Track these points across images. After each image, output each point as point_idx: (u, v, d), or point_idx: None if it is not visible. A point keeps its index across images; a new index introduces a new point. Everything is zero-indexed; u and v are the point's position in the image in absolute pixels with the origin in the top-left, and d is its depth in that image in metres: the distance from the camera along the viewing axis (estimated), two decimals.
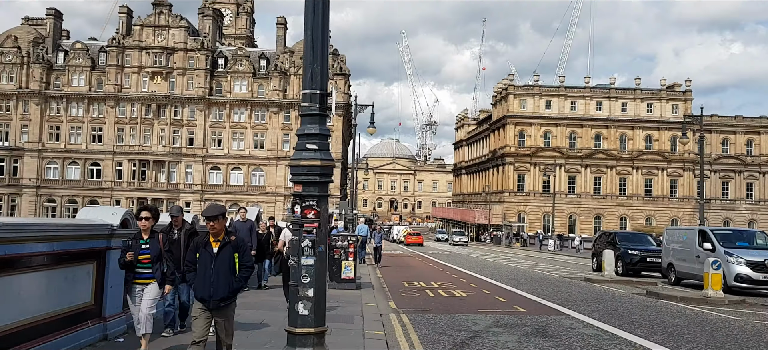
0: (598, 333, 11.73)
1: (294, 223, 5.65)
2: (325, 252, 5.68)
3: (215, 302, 6.62)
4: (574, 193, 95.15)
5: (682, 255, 23.16)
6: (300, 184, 5.61)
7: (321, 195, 5.62)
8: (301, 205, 5.58)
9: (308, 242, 5.54)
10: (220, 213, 6.69)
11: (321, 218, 5.60)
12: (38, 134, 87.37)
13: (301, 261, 5.54)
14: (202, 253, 6.73)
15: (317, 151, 5.55)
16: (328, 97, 5.68)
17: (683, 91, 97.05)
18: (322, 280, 5.64)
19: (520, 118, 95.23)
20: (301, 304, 5.50)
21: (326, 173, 5.64)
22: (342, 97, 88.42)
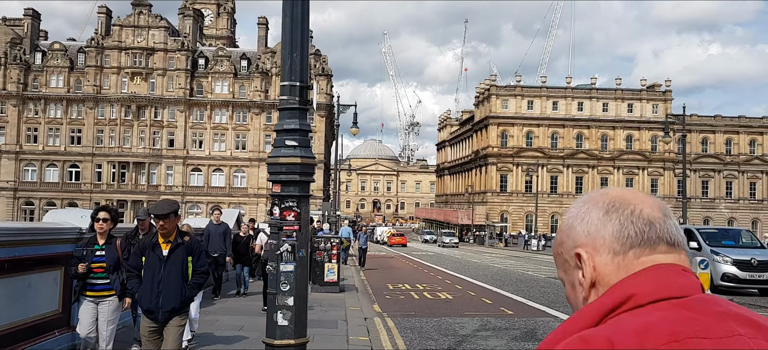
0: None
1: (273, 226, 5.25)
2: (306, 257, 5.29)
3: (164, 314, 5.82)
4: (557, 193, 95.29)
5: None
6: (279, 184, 5.20)
7: (301, 195, 5.21)
8: (280, 207, 5.18)
9: (288, 246, 5.14)
10: (172, 211, 5.90)
11: (302, 220, 5.20)
12: (15, 136, 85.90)
13: (280, 266, 5.14)
14: (150, 257, 5.89)
15: (297, 147, 5.14)
16: (309, 89, 5.28)
17: (663, 91, 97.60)
18: (303, 287, 5.24)
19: (502, 119, 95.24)
20: (280, 314, 5.10)
21: (307, 171, 5.24)
22: (324, 97, 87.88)
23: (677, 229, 1.22)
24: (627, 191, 1.28)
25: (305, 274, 5.34)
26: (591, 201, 1.28)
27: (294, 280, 5.13)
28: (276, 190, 5.21)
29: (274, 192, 5.23)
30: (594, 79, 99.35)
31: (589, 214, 1.25)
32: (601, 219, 1.22)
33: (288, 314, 5.08)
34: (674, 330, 1.02)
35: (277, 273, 5.13)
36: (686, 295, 1.11)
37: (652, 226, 1.18)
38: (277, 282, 5.12)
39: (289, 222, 5.14)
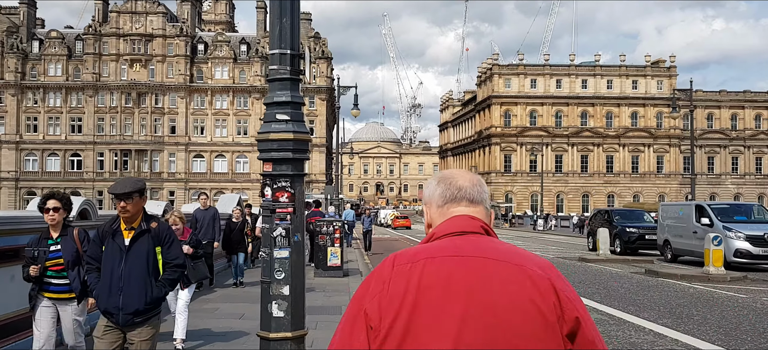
0: (603, 318, 10.97)
1: (265, 209, 4.79)
2: (301, 242, 4.83)
3: (126, 316, 4.72)
4: (561, 172, 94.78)
5: (678, 232, 22.51)
6: (270, 162, 4.73)
7: (295, 174, 4.74)
8: (271, 187, 4.71)
9: (281, 230, 4.68)
10: (136, 190, 4.81)
11: (296, 201, 4.73)
12: (15, 125, 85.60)
13: (273, 253, 4.68)
14: (109, 247, 4.85)
15: (289, 121, 4.66)
16: (301, 58, 4.80)
17: (668, 66, 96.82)
18: (299, 275, 4.79)
19: (505, 98, 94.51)
20: (275, 304, 4.65)
21: (301, 148, 4.76)
22: (325, 80, 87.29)
23: (479, 193, 1.95)
24: (454, 170, 2.03)
25: (301, 260, 4.88)
26: (433, 178, 2.05)
27: (289, 267, 4.67)
28: (267, 170, 4.75)
29: (266, 172, 4.77)
30: (598, 56, 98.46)
31: (430, 185, 2.03)
32: (434, 187, 2.00)
33: (284, 304, 4.63)
34: (415, 251, 1.79)
35: (270, 260, 4.67)
36: (464, 231, 1.85)
37: (461, 190, 1.94)
38: (270, 269, 4.67)
39: (282, 204, 4.67)
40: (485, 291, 1.68)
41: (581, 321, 1.70)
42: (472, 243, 1.80)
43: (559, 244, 37.19)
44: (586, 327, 1.71)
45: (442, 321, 1.65)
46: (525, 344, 1.64)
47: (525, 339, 1.64)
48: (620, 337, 9.32)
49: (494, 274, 1.71)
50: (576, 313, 1.71)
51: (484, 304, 1.67)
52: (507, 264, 1.74)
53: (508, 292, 1.68)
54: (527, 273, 1.72)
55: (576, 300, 1.74)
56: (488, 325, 1.64)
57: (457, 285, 1.69)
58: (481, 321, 1.65)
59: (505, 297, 1.68)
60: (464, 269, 1.72)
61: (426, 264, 1.73)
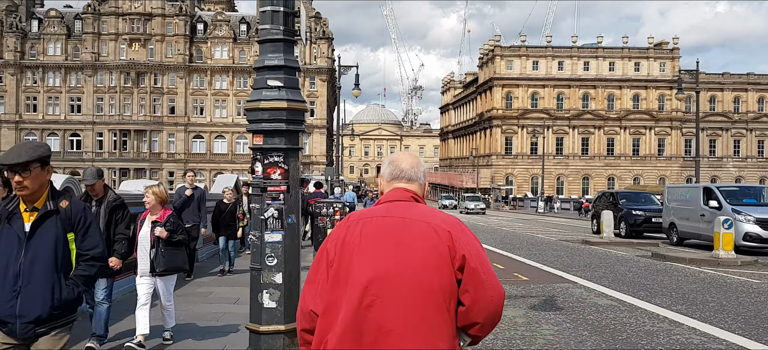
0: (614, 304, 10.53)
1: (255, 187, 4.30)
2: (297, 224, 4.34)
3: (25, 326, 3.48)
4: (562, 154, 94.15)
5: (685, 214, 22.04)
6: (260, 135, 4.23)
7: (289, 148, 4.25)
8: (262, 162, 4.23)
9: (274, 211, 4.19)
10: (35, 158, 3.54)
11: (290, 179, 4.25)
12: (15, 105, 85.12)
13: (264, 236, 4.20)
14: (4, 236, 3.56)
15: (282, 88, 4.16)
16: (296, 16, 4.28)
17: (671, 48, 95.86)
18: (294, 261, 4.32)
19: (507, 80, 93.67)
20: (266, 294, 4.18)
21: (295, 119, 4.26)
22: (326, 61, 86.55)
23: (415, 173, 2.72)
24: (401, 154, 2.82)
25: (296, 245, 4.39)
26: (386, 160, 2.83)
27: (282, 252, 4.20)
28: (257, 143, 4.25)
29: (255, 145, 4.27)
30: (600, 38, 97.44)
31: (384, 165, 2.82)
32: (386, 167, 2.78)
33: (276, 294, 4.16)
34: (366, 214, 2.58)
35: (261, 245, 4.20)
36: (397, 200, 2.63)
37: (402, 171, 2.71)
38: (261, 255, 4.20)
39: (274, 182, 4.19)
40: (398, 235, 2.53)
41: (467, 257, 2.49)
42: (400, 208, 2.63)
43: (561, 227, 36.75)
44: (470, 261, 2.49)
45: (367, 252, 2.50)
46: (426, 271, 2.45)
47: (426, 268, 2.46)
48: (634, 325, 8.87)
49: (410, 227, 2.54)
50: (463, 252, 2.49)
51: (396, 243, 2.51)
52: (419, 221, 2.56)
53: (417, 239, 2.51)
54: (433, 226, 2.54)
55: (467, 244, 2.52)
56: (396, 255, 2.48)
57: (381, 231, 2.55)
58: (392, 252, 2.49)
59: (415, 242, 2.51)
60: (386, 222, 2.58)
61: (366, 222, 2.60)
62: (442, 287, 2.44)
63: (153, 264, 6.69)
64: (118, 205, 6.75)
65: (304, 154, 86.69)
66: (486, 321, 2.53)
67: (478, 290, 2.47)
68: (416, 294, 2.42)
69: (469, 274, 2.47)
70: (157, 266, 6.67)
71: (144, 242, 6.84)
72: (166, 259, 6.66)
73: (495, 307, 2.51)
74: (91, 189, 6.77)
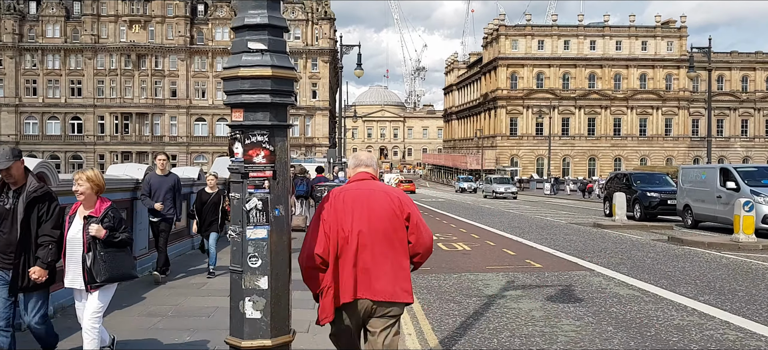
0: (636, 294, 9.81)
1: (234, 172, 3.57)
2: (286, 216, 3.62)
3: None
4: (568, 135, 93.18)
5: (700, 196, 21.27)
6: (240, 109, 3.49)
7: (275, 125, 3.51)
8: (242, 143, 3.50)
9: (257, 202, 3.47)
10: None
11: (276, 162, 3.52)
12: (14, 88, 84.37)
13: (246, 232, 3.49)
14: None
15: (266, 53, 3.43)
16: None
17: (678, 27, 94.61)
18: (282, 262, 3.59)
19: (511, 60, 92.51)
20: (248, 302, 3.46)
21: (283, 89, 3.52)
22: (327, 42, 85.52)
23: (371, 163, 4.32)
24: (361, 152, 4.43)
25: (286, 242, 3.66)
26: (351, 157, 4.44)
27: (268, 252, 3.47)
28: (237, 119, 3.51)
29: (235, 122, 3.54)
30: (607, 16, 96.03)
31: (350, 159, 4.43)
32: (352, 161, 4.36)
33: (260, 302, 3.43)
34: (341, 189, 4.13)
35: (241, 242, 3.48)
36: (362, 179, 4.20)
37: (362, 161, 4.30)
38: (242, 254, 3.47)
39: (256, 166, 3.46)
40: (368, 202, 4.00)
41: (411, 214, 4.04)
42: (366, 184, 4.15)
43: (570, 209, 36.02)
44: (412, 216, 4.05)
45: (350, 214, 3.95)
46: (385, 222, 3.97)
47: (385, 220, 3.96)
48: (661, 319, 8.14)
49: (375, 196, 4.03)
50: (408, 211, 4.05)
51: (368, 207, 3.98)
52: (380, 192, 4.08)
53: (380, 203, 4.01)
54: (388, 193, 4.10)
55: (409, 205, 4.09)
56: (369, 215, 3.95)
57: (357, 199, 3.99)
58: (366, 213, 3.96)
59: (377, 204, 4.00)
60: (359, 193, 4.04)
61: (347, 193, 4.04)
62: (397, 232, 4.04)
63: (91, 273, 5.13)
64: (40, 197, 5.27)
65: (307, 135, 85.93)
66: (423, 252, 4.16)
67: (417, 234, 4.09)
68: (384, 236, 4.01)
69: (412, 225, 4.08)
70: (97, 275, 5.11)
71: (74, 245, 5.24)
72: (108, 266, 5.11)
73: (427, 244, 4.16)
74: (6, 175, 5.26)
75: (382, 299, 3.92)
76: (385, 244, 3.96)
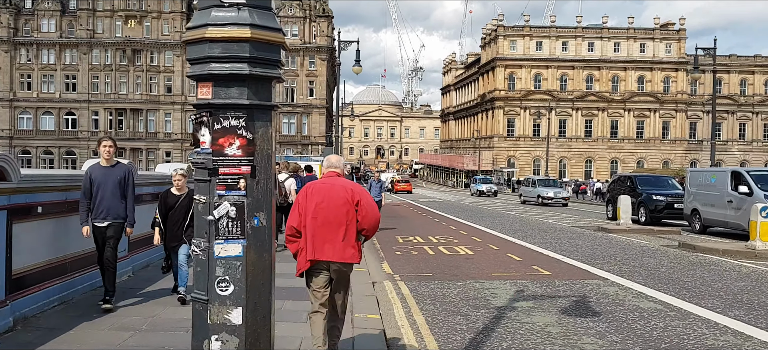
0: (659, 307, 9.01)
1: (199, 168, 2.74)
2: (268, 228, 2.79)
3: None
4: (565, 137, 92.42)
5: (709, 200, 20.51)
6: (208, 82, 2.67)
7: (255, 105, 2.67)
8: (210, 128, 2.68)
9: (229, 207, 2.65)
10: None
11: (257, 155, 2.69)
12: (9, 83, 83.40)
13: (214, 247, 2.66)
14: None
15: (244, 7, 2.60)
16: None
17: (677, 29, 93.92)
18: (262, 289, 2.74)
19: (509, 60, 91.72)
20: (216, 342, 2.63)
21: (266, 58, 2.68)
22: (325, 40, 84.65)
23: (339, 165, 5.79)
24: (331, 155, 6.02)
25: (267, 262, 2.83)
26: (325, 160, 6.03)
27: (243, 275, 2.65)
28: (204, 96, 2.69)
29: (201, 100, 2.72)
30: (605, 18, 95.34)
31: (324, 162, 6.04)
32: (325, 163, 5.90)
33: (232, 342, 2.60)
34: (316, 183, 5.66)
35: (208, 262, 2.66)
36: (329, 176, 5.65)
37: (332, 164, 5.77)
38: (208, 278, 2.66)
39: (229, 160, 2.64)
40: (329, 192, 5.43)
41: (360, 200, 5.42)
42: (330, 179, 5.57)
43: (569, 211, 35.27)
44: (361, 201, 5.44)
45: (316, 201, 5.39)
46: (340, 206, 5.37)
47: (340, 205, 5.37)
48: (692, 338, 7.34)
49: (334, 188, 5.46)
50: (358, 198, 5.42)
51: (328, 196, 5.41)
52: (339, 186, 5.48)
53: (338, 193, 5.42)
54: (344, 187, 5.48)
55: (360, 193, 5.49)
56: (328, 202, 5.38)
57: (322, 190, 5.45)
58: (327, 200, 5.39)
59: (335, 194, 5.41)
60: (324, 186, 5.50)
61: (315, 186, 5.53)
62: (349, 214, 5.40)
63: None
64: None
65: (303, 134, 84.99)
66: (368, 227, 5.50)
67: (364, 214, 5.44)
68: (337, 216, 5.39)
69: (361, 208, 5.43)
70: None
71: None
72: None
73: (373, 222, 5.48)
74: None
75: (334, 260, 5.38)
76: (338, 222, 5.39)
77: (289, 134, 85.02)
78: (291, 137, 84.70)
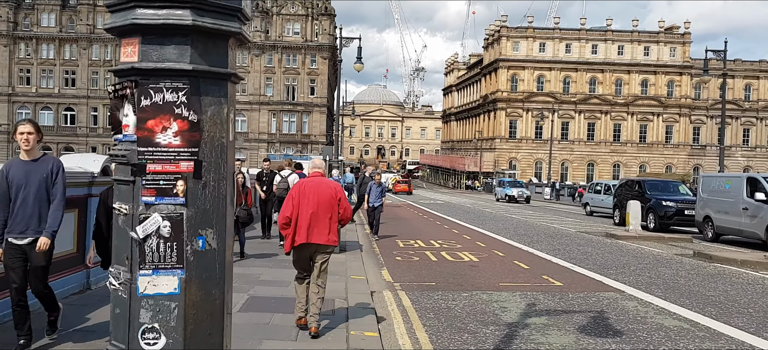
0: (685, 326, 8.20)
1: (119, 164, 1.93)
2: (220, 250, 1.98)
3: None
4: (567, 140, 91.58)
5: (723, 208, 19.69)
6: (133, 37, 1.87)
7: (204, 72, 1.87)
8: (136, 105, 1.89)
9: (159, 222, 1.84)
10: None
11: (204, 145, 1.89)
12: (8, 77, 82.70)
13: (137, 280, 1.85)
14: None
15: None
16: None
17: (682, 33, 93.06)
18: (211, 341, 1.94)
19: (512, 62, 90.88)
20: None
21: (219, 4, 1.92)
22: (327, 38, 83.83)
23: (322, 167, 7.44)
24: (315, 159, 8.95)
25: (217, 302, 1.99)
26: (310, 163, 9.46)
27: (180, 322, 1.82)
28: (128, 58, 1.90)
29: (124, 64, 1.93)
30: (609, 20, 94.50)
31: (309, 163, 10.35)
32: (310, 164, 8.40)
33: None
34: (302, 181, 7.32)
35: (129, 301, 1.85)
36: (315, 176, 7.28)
37: (317, 166, 7.42)
38: (129, 325, 1.83)
39: (162, 152, 1.84)
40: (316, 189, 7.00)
41: (340, 198, 7.12)
42: (316, 178, 7.21)
43: (574, 215, 34.46)
44: (341, 199, 7.15)
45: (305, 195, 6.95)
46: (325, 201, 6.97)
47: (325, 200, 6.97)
48: None
49: (320, 186, 7.07)
50: (339, 196, 7.13)
51: (315, 192, 6.98)
52: (325, 184, 7.13)
53: (322, 190, 7.03)
54: (330, 185, 7.16)
55: (340, 192, 7.20)
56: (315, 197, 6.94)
57: (310, 187, 7.03)
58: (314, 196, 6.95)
59: (321, 191, 7.01)
60: (312, 183, 7.09)
61: (304, 183, 7.14)
62: (332, 207, 6.95)
63: None
64: None
65: (304, 132, 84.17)
66: (345, 219, 7.18)
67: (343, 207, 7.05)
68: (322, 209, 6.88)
69: (341, 204, 7.02)
70: None
71: None
72: None
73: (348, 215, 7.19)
74: None
75: (320, 242, 6.90)
76: (323, 213, 6.91)
77: (290, 132, 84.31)
78: (291, 135, 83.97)
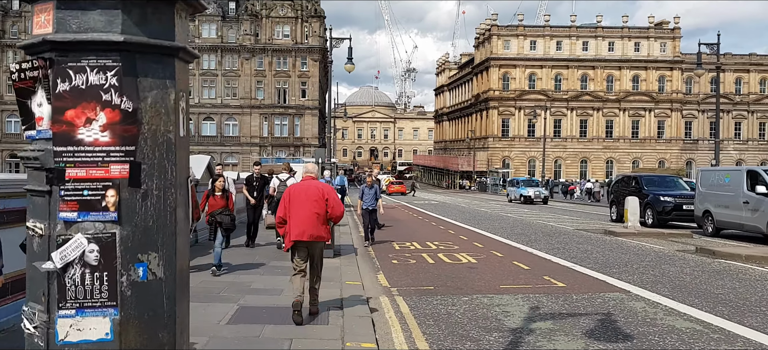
0: (697, 327, 7.80)
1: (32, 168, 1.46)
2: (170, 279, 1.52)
3: None
4: (560, 137, 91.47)
5: (723, 202, 19.36)
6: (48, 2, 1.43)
7: (140, 45, 1.36)
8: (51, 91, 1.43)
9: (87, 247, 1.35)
10: None
11: (143, 142, 1.41)
12: None
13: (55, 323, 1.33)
14: None
15: None
16: None
17: (672, 28, 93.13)
18: None
19: (504, 60, 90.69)
20: None
21: None
22: (317, 40, 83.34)
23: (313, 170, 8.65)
24: (308, 163, 9.60)
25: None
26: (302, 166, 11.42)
27: None
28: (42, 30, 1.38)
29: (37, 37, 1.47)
30: (599, 17, 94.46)
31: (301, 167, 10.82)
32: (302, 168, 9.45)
33: None
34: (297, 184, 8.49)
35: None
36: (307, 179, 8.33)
37: (309, 170, 8.55)
38: None
39: (87, 152, 1.36)
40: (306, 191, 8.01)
41: (328, 198, 8.03)
42: (307, 182, 8.25)
43: (570, 213, 34.13)
44: (329, 199, 8.06)
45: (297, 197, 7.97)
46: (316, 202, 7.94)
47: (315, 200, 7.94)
48: None
49: (310, 188, 8.06)
50: (327, 196, 8.04)
51: (306, 194, 8.00)
52: (315, 187, 8.09)
53: (313, 191, 8.01)
54: (319, 186, 8.13)
55: (329, 193, 8.13)
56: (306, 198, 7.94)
57: (302, 189, 8.08)
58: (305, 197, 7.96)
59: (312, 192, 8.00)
60: (304, 186, 8.13)
61: (297, 188, 8.17)
62: (321, 207, 7.94)
63: None
64: None
65: (296, 135, 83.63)
66: (335, 216, 8.19)
67: (331, 206, 8.00)
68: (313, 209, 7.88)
69: (330, 203, 7.99)
70: None
71: None
72: None
73: (338, 214, 8.12)
74: None
75: (313, 239, 7.89)
76: (314, 213, 7.88)
77: (282, 136, 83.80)
78: (283, 139, 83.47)
